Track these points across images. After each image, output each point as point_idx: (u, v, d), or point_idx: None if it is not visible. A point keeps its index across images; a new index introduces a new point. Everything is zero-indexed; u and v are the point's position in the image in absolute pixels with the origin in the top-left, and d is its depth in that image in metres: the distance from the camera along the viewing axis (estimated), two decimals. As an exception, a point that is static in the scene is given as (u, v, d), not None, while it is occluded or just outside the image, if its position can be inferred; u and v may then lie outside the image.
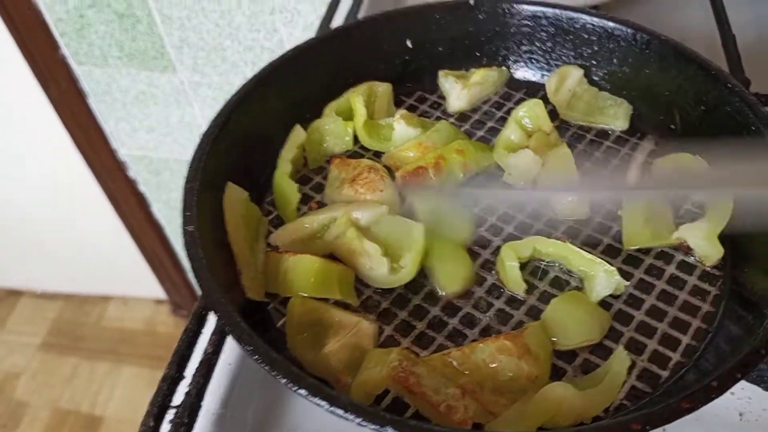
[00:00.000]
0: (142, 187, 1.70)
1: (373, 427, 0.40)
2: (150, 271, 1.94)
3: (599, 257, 0.54)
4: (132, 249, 1.85)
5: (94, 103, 1.50)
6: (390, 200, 0.60)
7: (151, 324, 2.05)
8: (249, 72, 1.26)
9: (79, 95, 1.48)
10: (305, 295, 0.53)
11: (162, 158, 1.60)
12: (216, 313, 0.46)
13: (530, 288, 0.55)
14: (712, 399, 0.41)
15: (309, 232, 0.58)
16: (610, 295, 0.54)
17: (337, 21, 0.85)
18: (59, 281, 2.10)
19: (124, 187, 1.68)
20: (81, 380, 1.94)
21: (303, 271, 0.53)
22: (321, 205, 0.62)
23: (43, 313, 2.11)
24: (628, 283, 0.54)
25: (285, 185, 0.62)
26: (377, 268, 0.55)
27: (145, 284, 2.00)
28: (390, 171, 0.63)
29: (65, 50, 1.39)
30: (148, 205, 1.75)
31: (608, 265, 0.53)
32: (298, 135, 0.65)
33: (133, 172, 1.66)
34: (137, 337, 2.03)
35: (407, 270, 0.55)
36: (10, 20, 1.33)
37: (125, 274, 1.99)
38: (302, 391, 0.41)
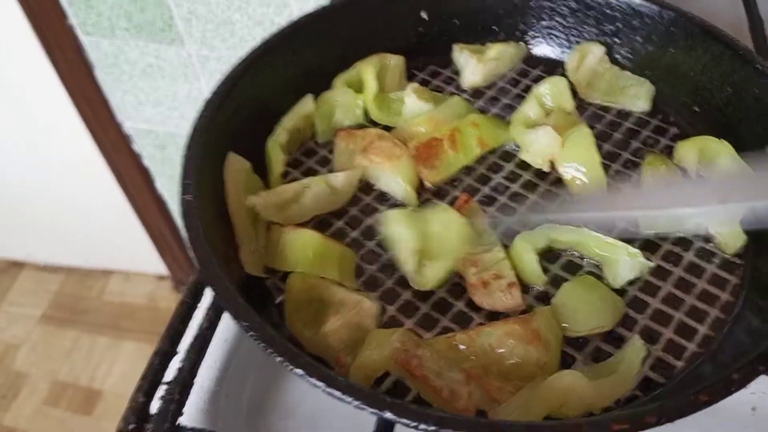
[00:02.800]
0: (147, 162, 1.68)
1: (371, 410, 0.38)
2: (153, 247, 1.92)
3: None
4: (135, 224, 1.83)
5: (100, 75, 1.48)
6: (407, 167, 0.57)
7: (152, 300, 2.04)
8: (258, 47, 1.23)
9: (86, 66, 1.46)
10: (303, 271, 0.51)
11: (168, 132, 1.58)
12: (211, 286, 0.44)
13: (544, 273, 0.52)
14: (732, 392, 0.39)
15: (283, 198, 0.56)
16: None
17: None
18: (61, 254, 2.10)
19: (128, 161, 1.66)
20: (81, 353, 1.94)
21: (301, 246, 0.51)
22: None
23: (44, 285, 2.11)
24: (652, 264, 0.52)
25: (271, 152, 0.59)
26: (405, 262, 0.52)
27: (148, 260, 1.99)
28: (399, 145, 0.60)
29: (73, 20, 1.37)
30: (152, 179, 1.73)
31: (631, 248, 0.51)
32: (304, 104, 0.62)
33: (137, 146, 1.64)
34: (138, 312, 2.02)
35: (432, 277, 0.52)
36: (19, -11, 1.31)
37: (128, 249, 1.98)
38: (298, 371, 0.39)
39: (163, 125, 1.56)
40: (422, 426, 0.37)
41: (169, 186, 1.73)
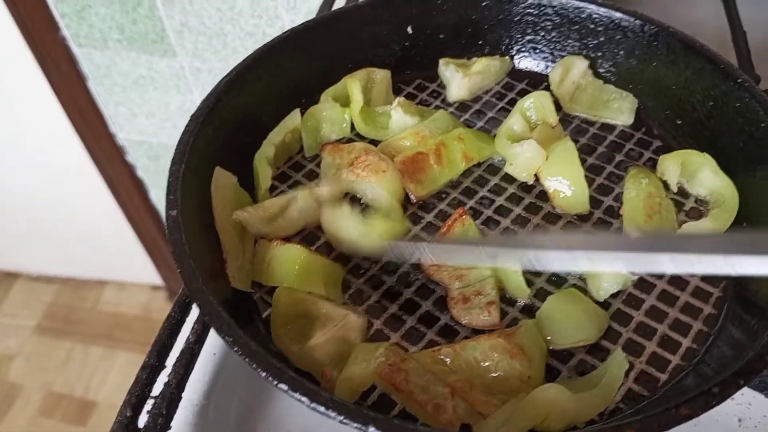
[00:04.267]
0: (141, 173, 1.69)
1: (355, 425, 0.38)
2: (147, 257, 1.93)
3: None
4: (129, 234, 1.84)
5: (93, 86, 1.49)
6: (393, 181, 0.58)
7: (146, 310, 2.04)
8: (250, 58, 1.24)
9: (79, 78, 1.47)
10: (289, 286, 0.51)
11: (161, 143, 1.59)
12: (196, 302, 0.44)
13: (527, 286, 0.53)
14: (712, 406, 0.39)
15: (270, 212, 0.56)
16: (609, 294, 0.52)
17: (339, 5, 0.83)
18: (56, 264, 2.09)
19: (122, 172, 1.67)
20: (75, 364, 1.94)
21: (287, 260, 0.52)
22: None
23: (38, 296, 2.10)
24: (635, 277, 0.52)
25: (259, 167, 0.60)
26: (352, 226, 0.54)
27: (142, 270, 1.99)
28: (385, 160, 0.61)
29: (65, 32, 1.38)
30: (146, 190, 1.73)
31: None
32: (292, 119, 0.63)
33: (131, 157, 1.65)
34: (132, 322, 2.02)
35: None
36: (10, 0, 1.31)
37: (122, 260, 1.98)
38: (282, 386, 0.39)
39: (156, 136, 1.57)
40: (405, 441, 0.37)
41: (163, 197, 1.73)
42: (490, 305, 0.50)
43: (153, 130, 1.55)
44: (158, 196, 1.75)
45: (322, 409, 0.39)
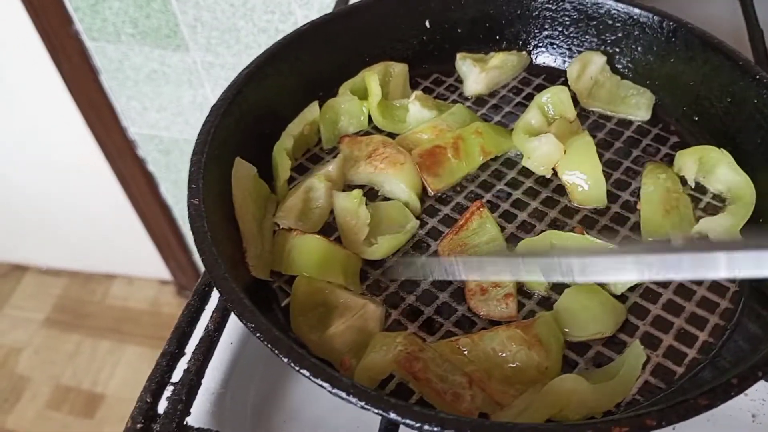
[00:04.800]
0: (151, 167, 1.69)
1: (376, 411, 0.38)
2: (156, 252, 1.93)
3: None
4: (138, 228, 1.84)
5: (105, 80, 1.49)
6: (411, 173, 0.58)
7: (155, 304, 2.05)
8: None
9: (91, 72, 1.47)
10: (309, 275, 0.52)
11: (172, 138, 1.59)
12: (218, 288, 0.45)
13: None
14: (731, 397, 0.40)
15: (301, 207, 0.57)
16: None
17: None
18: (64, 258, 2.10)
19: (132, 166, 1.67)
20: (83, 357, 1.94)
21: (307, 250, 0.52)
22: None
23: (47, 289, 2.11)
24: None
25: (278, 159, 0.60)
26: (358, 232, 0.55)
27: (151, 264, 1.99)
28: (403, 153, 0.61)
29: (79, 26, 1.38)
30: (157, 184, 1.74)
31: None
32: (310, 111, 0.63)
33: (142, 151, 1.65)
34: (141, 316, 2.02)
35: (378, 248, 0.54)
36: (25, -7, 1.32)
37: (131, 254, 1.99)
38: (304, 372, 0.40)
39: (167, 131, 1.57)
40: (426, 427, 0.38)
41: (173, 191, 1.74)
42: (508, 297, 0.51)
43: (164, 125, 1.56)
44: (168, 191, 1.75)
45: (343, 394, 0.39)
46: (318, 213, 0.58)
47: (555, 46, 0.70)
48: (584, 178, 0.58)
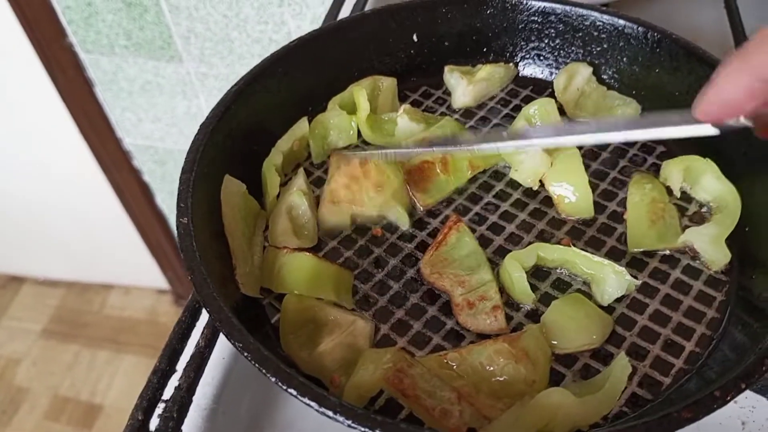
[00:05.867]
0: (147, 177, 1.70)
1: (363, 429, 0.39)
2: (153, 261, 1.93)
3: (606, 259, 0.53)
4: (135, 238, 1.84)
5: (100, 92, 1.50)
6: (399, 189, 0.59)
7: (152, 314, 2.05)
8: (256, 64, 1.25)
9: (86, 84, 1.48)
10: (299, 293, 0.52)
11: (167, 149, 1.60)
12: (206, 308, 0.45)
13: (532, 290, 0.53)
14: (714, 409, 0.40)
15: (292, 226, 0.57)
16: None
17: (345, 13, 0.84)
18: (62, 269, 2.10)
19: (128, 177, 1.68)
20: (81, 368, 1.94)
21: (296, 268, 0.52)
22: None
23: (44, 300, 2.11)
24: (639, 282, 0.53)
25: (268, 175, 0.60)
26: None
27: (148, 274, 2.00)
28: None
29: (73, 38, 1.39)
30: (152, 195, 1.74)
31: (617, 266, 0.52)
32: (300, 127, 0.64)
33: (138, 162, 1.66)
34: (138, 326, 2.03)
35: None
36: (18, 7, 1.32)
37: (128, 264, 1.99)
38: (292, 391, 0.40)
39: (162, 141, 1.58)
40: (413, 445, 0.38)
41: (169, 201, 1.74)
42: (496, 309, 0.51)
43: (159, 135, 1.56)
44: (164, 201, 1.76)
45: (330, 413, 0.39)
46: (310, 226, 0.58)
47: (541, 57, 0.70)
48: (571, 190, 0.58)
